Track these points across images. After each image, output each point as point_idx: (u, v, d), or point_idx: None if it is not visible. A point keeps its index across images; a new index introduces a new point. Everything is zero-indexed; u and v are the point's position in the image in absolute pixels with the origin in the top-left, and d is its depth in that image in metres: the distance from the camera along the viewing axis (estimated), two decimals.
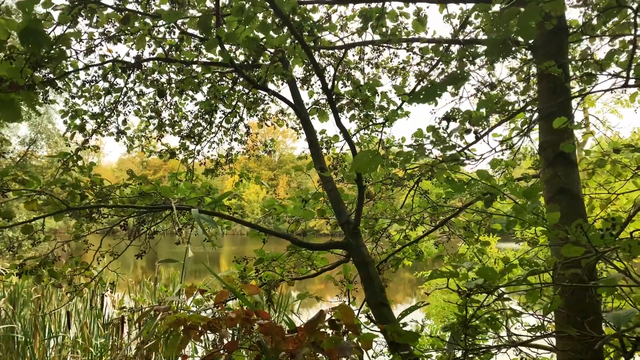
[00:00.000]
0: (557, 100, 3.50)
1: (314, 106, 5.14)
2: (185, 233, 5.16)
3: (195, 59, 4.89)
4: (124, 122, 6.31)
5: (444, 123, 3.32)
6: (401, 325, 3.41)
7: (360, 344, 1.91)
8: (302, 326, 1.89)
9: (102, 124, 5.47)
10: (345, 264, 4.11)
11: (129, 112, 5.99)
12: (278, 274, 4.56)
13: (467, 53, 4.68)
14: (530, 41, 3.83)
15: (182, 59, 4.94)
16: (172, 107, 6.58)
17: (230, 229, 4.63)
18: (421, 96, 1.94)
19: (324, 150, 5.93)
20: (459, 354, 2.56)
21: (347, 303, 5.40)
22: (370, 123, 4.49)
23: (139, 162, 77.80)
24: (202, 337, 1.73)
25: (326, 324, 1.94)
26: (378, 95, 4.21)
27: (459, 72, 2.52)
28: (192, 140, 6.58)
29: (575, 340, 2.83)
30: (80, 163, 5.12)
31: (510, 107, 5.31)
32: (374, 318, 3.52)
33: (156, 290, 7.50)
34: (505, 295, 2.51)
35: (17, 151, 24.35)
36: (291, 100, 4.55)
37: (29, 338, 6.41)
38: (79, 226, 5.08)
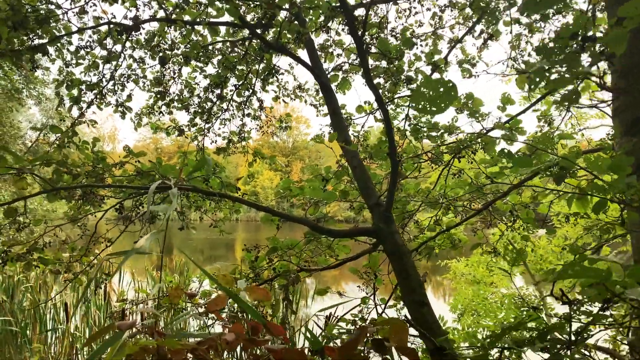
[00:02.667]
0: None
1: (333, 72, 4.49)
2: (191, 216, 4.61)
3: (200, 19, 4.28)
4: (129, 97, 5.77)
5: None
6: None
7: None
8: (333, 347, 1.31)
9: (99, 95, 4.90)
10: (372, 253, 3.51)
11: (129, 82, 5.42)
12: (294, 264, 3.99)
13: None
14: None
15: (185, 20, 4.34)
16: (178, 80, 6.01)
17: (240, 212, 4.06)
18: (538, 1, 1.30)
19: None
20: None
21: (370, 295, 4.82)
22: (403, 88, 3.84)
23: (154, 148, 77.78)
24: None
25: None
26: (411, 51, 3.56)
27: None
28: (202, 116, 6.01)
29: None
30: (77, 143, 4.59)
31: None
32: (409, 317, 2.94)
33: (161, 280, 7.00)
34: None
35: (29, 137, 24.11)
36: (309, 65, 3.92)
37: (27, 331, 5.98)
38: (77, 209, 4.57)
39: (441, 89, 1.13)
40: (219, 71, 5.73)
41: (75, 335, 5.86)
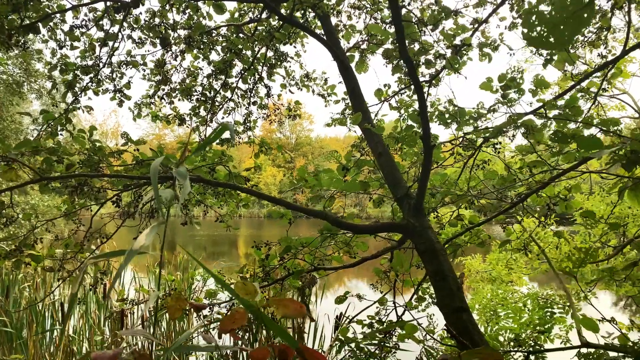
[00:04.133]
0: None
1: (349, 54, 4.09)
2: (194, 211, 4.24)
3: None
4: (128, 84, 5.41)
5: None
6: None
7: None
8: None
9: (95, 79, 4.53)
10: (398, 251, 3.14)
11: (128, 68, 5.05)
12: (308, 263, 3.62)
13: None
14: None
15: None
16: (180, 68, 5.64)
17: (249, 206, 3.69)
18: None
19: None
20: None
21: (385, 294, 4.46)
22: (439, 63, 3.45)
23: (156, 145, 77.38)
24: None
25: None
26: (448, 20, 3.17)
27: None
28: (205, 104, 5.64)
29: None
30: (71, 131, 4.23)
31: None
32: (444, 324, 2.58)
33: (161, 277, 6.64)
34: None
35: (30, 132, 23.72)
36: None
37: (22, 332, 5.64)
38: (71, 202, 4.21)
39: (570, 7, 0.76)
40: (224, 57, 5.36)
41: (72, 337, 5.52)
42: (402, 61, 3.91)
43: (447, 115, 3.19)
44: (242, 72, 5.21)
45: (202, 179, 3.00)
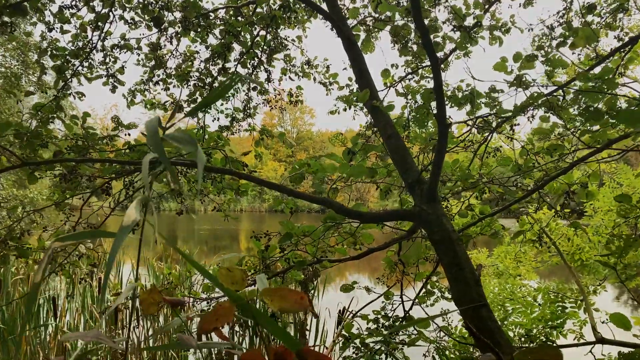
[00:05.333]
0: None
1: (356, 33, 3.84)
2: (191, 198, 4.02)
3: None
4: (122, 69, 5.17)
5: None
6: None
7: None
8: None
9: (86, 62, 4.29)
10: (415, 242, 2.91)
11: (122, 52, 4.82)
12: (310, 255, 3.40)
13: None
14: None
15: None
16: (177, 52, 5.40)
17: (247, 194, 3.46)
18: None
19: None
20: None
21: (391, 287, 4.24)
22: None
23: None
24: None
25: None
26: None
27: None
28: (203, 90, 5.40)
29: None
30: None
31: None
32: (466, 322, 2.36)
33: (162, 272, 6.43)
34: None
35: (28, 124, 23.46)
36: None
37: (15, 328, 5.43)
38: (62, 191, 4.00)
39: None
40: (222, 40, 5.12)
41: (65, 332, 5.32)
42: (412, 37, 3.67)
43: (460, 96, 2.96)
44: (241, 56, 4.97)
45: (192, 161, 2.77)
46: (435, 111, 2.26)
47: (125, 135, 3.49)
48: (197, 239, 25.52)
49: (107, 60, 5.02)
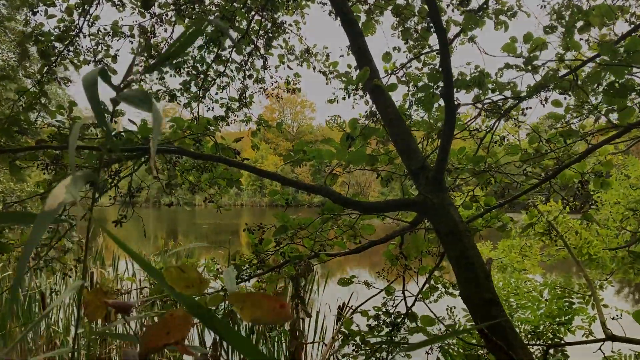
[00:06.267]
0: None
1: (356, 13, 3.63)
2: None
3: None
4: (115, 57, 4.96)
5: None
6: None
7: None
8: None
9: (70, 46, 4.08)
10: (413, 234, 2.71)
11: (112, 39, 4.61)
12: (307, 248, 3.20)
13: None
14: None
15: None
16: (171, 38, 5.19)
17: (241, 183, 3.26)
18: None
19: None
20: None
21: (396, 285, 4.05)
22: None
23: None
24: None
25: None
26: None
27: None
28: (197, 78, 5.19)
29: None
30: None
31: None
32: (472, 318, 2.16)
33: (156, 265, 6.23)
34: None
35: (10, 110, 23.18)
36: None
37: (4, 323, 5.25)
38: (48, 183, 3.80)
39: None
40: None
41: (55, 330, 5.14)
42: (415, 19, 3.46)
43: (468, 78, 2.75)
44: (237, 39, 4.76)
45: (182, 150, 2.57)
46: (441, 93, 2.05)
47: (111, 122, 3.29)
48: (198, 233, 25.39)
49: (99, 48, 4.83)
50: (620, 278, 6.35)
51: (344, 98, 4.46)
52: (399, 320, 3.76)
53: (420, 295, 3.59)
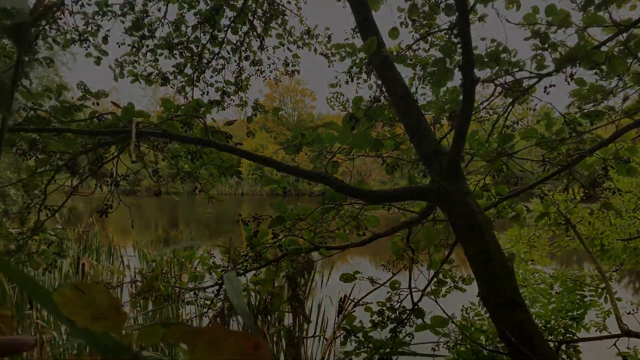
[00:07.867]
0: None
1: None
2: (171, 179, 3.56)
3: None
4: (105, 38, 4.70)
5: None
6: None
7: None
8: None
9: (53, 23, 3.81)
10: (426, 225, 2.46)
11: (102, 16, 4.33)
12: (306, 241, 2.96)
13: None
14: None
15: None
16: (165, 18, 4.90)
17: (233, 169, 3.00)
18: None
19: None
20: None
21: (393, 275, 3.81)
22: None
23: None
24: None
25: None
26: None
27: None
28: (191, 60, 4.92)
29: None
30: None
31: None
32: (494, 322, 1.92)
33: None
34: None
35: (22, 105, 22.88)
36: None
37: None
38: (32, 171, 3.55)
39: None
40: (211, 4, 4.62)
41: (42, 325, 4.93)
42: None
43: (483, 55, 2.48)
44: (232, 20, 4.47)
45: (168, 132, 2.31)
46: (460, 66, 1.79)
47: (93, 104, 3.03)
48: (200, 223, 25.18)
49: (90, 28, 4.56)
50: (625, 269, 6.13)
51: (347, 82, 4.19)
52: (404, 317, 3.54)
53: (428, 289, 3.35)
